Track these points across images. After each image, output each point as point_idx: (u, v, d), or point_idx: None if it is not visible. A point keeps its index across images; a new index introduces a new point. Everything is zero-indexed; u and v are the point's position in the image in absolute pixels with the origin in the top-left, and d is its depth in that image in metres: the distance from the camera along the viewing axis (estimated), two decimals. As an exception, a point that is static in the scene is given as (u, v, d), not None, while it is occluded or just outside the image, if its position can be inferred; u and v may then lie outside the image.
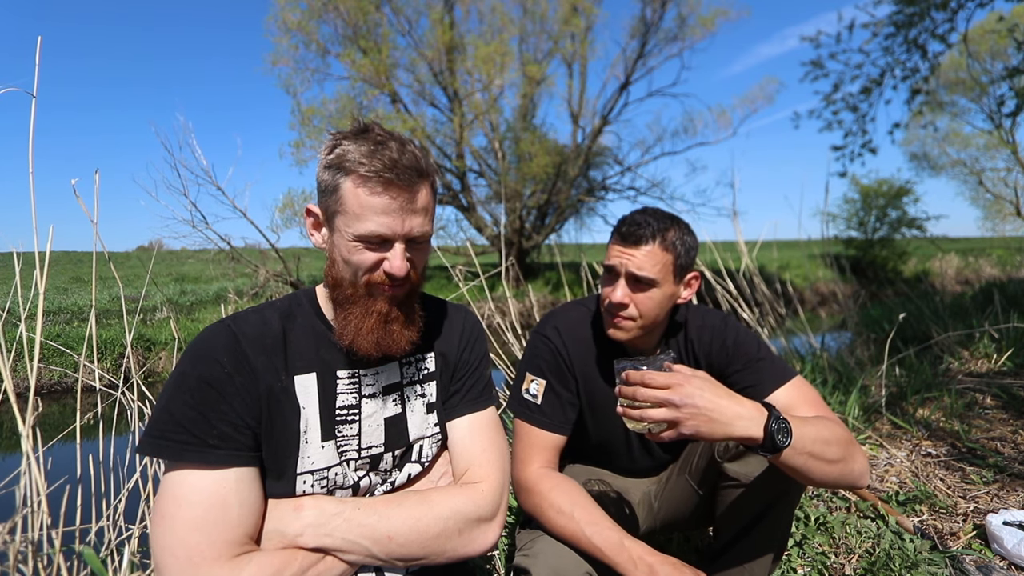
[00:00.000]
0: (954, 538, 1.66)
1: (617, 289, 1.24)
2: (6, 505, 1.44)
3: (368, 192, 0.84)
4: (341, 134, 0.89)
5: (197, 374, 0.84)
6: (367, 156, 0.84)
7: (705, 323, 1.37)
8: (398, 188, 0.85)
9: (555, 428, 1.30)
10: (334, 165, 0.87)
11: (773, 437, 0.94)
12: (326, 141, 0.91)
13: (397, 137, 0.89)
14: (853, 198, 18.87)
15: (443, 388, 1.07)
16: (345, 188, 0.86)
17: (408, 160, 0.86)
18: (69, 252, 18.25)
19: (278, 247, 13.77)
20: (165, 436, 0.81)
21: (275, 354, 0.91)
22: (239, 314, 0.95)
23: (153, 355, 7.93)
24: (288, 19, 14.62)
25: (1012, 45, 6.71)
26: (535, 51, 16.15)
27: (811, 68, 7.44)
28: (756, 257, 4.31)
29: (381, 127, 0.90)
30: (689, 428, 0.94)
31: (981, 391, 2.95)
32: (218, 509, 0.79)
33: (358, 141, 0.86)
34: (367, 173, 0.84)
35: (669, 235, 1.23)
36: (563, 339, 1.36)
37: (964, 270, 17.08)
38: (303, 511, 0.87)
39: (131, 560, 1.45)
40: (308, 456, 0.91)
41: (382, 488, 0.99)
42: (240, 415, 0.85)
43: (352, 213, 0.86)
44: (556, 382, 1.33)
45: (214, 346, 0.87)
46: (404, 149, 0.87)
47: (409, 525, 0.88)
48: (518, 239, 16.51)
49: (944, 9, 6.22)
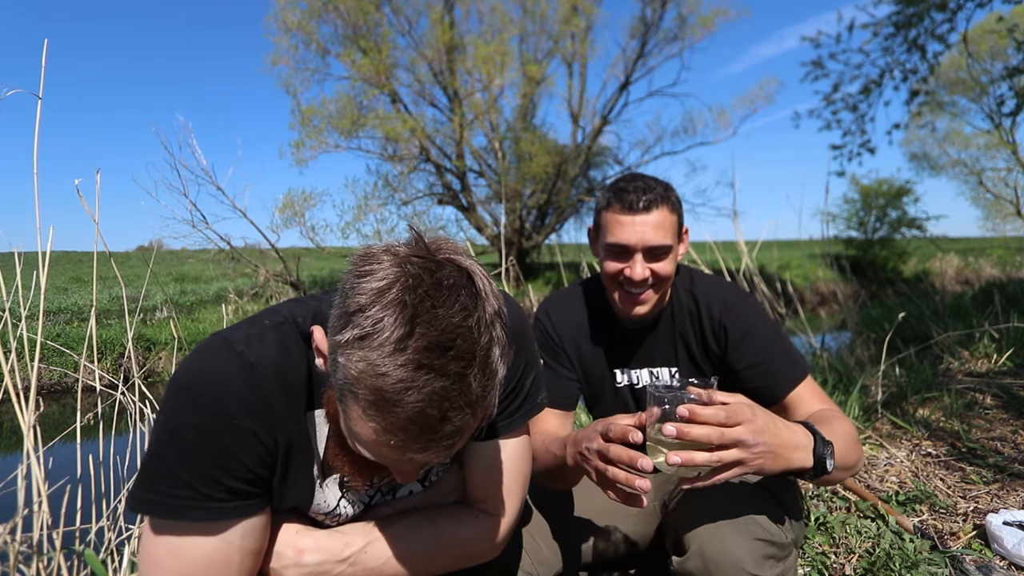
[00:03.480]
0: (954, 538, 1.66)
1: (636, 265, 1.19)
2: (7, 505, 1.44)
3: (386, 447, 0.59)
4: (382, 294, 0.55)
5: (199, 424, 0.67)
6: (388, 412, 0.55)
7: (712, 292, 1.30)
8: (436, 450, 0.59)
9: (555, 404, 1.30)
10: (343, 379, 0.57)
11: (823, 463, 0.88)
12: (358, 266, 0.58)
13: (464, 356, 0.55)
14: (853, 198, 18.87)
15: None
16: (354, 415, 0.59)
17: (460, 419, 0.57)
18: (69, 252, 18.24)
19: (278, 247, 13.80)
20: (161, 492, 0.66)
21: (297, 392, 0.73)
22: (253, 331, 0.73)
23: (153, 355, 7.93)
24: (288, 19, 14.63)
25: (1012, 45, 6.71)
26: (535, 51, 16.18)
27: (811, 68, 7.45)
28: (756, 257, 4.31)
29: (449, 285, 0.56)
30: (754, 468, 0.82)
31: (981, 391, 2.95)
32: (220, 566, 0.70)
33: (396, 357, 0.53)
34: (389, 427, 0.56)
35: (671, 195, 1.22)
36: (552, 321, 1.38)
37: (964, 270, 17.07)
38: (304, 556, 0.77)
39: (131, 560, 1.45)
40: (323, 500, 0.82)
41: (385, 498, 0.92)
42: (251, 468, 0.70)
43: (361, 440, 0.62)
44: (551, 360, 1.34)
45: (221, 387, 0.68)
46: (458, 402, 0.56)
47: (421, 564, 0.81)
48: (518, 239, 16.51)
49: (943, 9, 6.22)
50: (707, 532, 0.94)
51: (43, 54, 1.35)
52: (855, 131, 7.74)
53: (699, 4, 15.50)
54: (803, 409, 1.17)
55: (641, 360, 1.38)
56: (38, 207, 1.42)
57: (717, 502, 0.98)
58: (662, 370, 1.38)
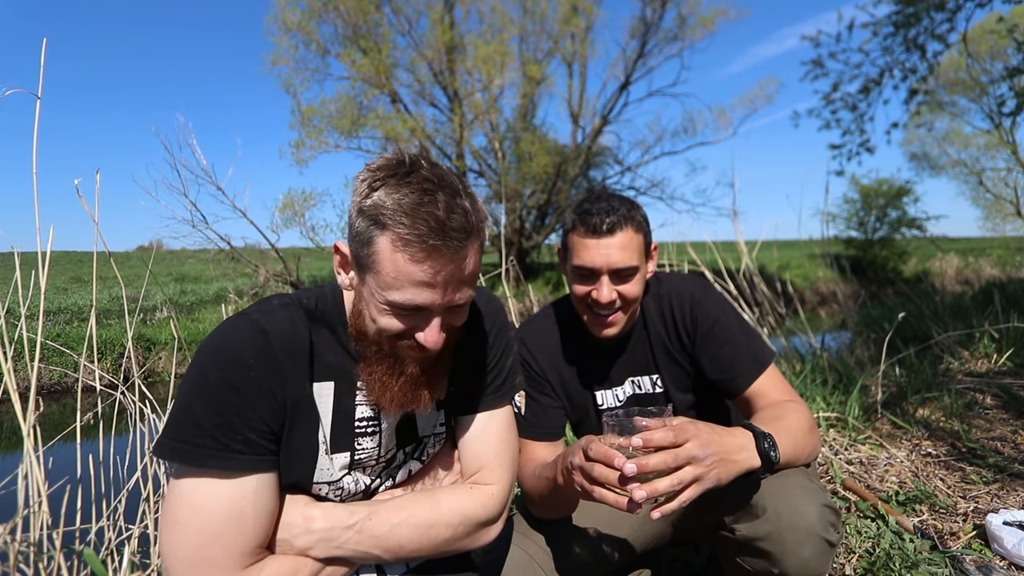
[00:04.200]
0: (954, 538, 1.66)
1: (603, 288, 1.20)
2: (7, 505, 1.44)
3: (408, 259, 0.73)
4: (382, 171, 0.75)
5: (223, 376, 0.77)
6: (409, 213, 0.71)
7: (679, 289, 1.32)
8: (443, 257, 0.73)
9: (542, 436, 1.30)
10: (370, 214, 0.74)
11: (768, 456, 0.94)
12: (363, 174, 0.77)
13: (447, 183, 0.75)
14: (853, 198, 18.89)
15: (458, 382, 0.99)
16: (381, 246, 0.74)
17: (457, 220, 0.73)
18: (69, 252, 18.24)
19: (278, 247, 13.80)
20: (186, 440, 0.75)
21: (301, 360, 0.84)
22: (265, 307, 0.86)
23: (153, 355, 7.93)
24: (288, 19, 14.63)
25: (1012, 45, 6.71)
26: (535, 51, 16.17)
27: (811, 67, 7.45)
28: (756, 257, 4.30)
29: (430, 163, 0.77)
30: (712, 480, 0.86)
31: (981, 391, 2.95)
32: (235, 520, 0.76)
33: (400, 187, 0.73)
34: (408, 236, 0.71)
35: (635, 215, 1.21)
36: (529, 349, 1.36)
37: (964, 270, 17.08)
38: (313, 523, 0.83)
39: (131, 560, 1.45)
40: (324, 468, 0.88)
41: (386, 484, 0.98)
42: (265, 421, 0.79)
43: (387, 277, 0.74)
44: (533, 391, 1.33)
45: (239, 343, 0.79)
46: (454, 203, 0.73)
47: (419, 533, 0.87)
48: (518, 239, 16.51)
49: (943, 9, 6.22)
50: (782, 497, 0.98)
51: (42, 54, 1.35)
52: (854, 130, 7.75)
53: (699, 4, 15.53)
54: (762, 402, 1.19)
55: (622, 373, 1.38)
56: (38, 207, 1.42)
57: (784, 472, 1.03)
58: (643, 379, 1.38)
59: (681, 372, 1.34)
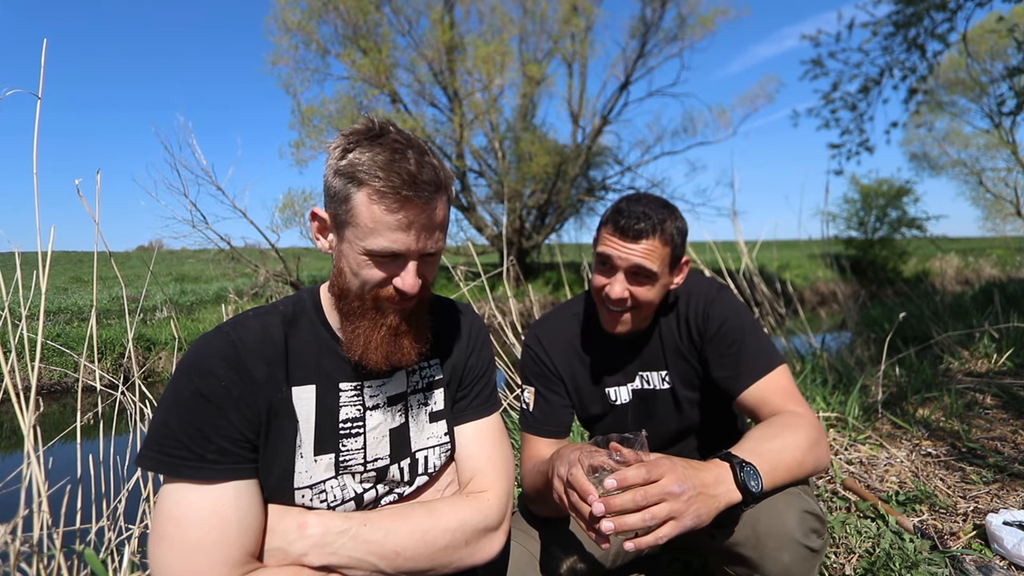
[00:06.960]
0: (954, 538, 1.66)
1: (616, 284, 1.20)
2: (7, 505, 1.44)
3: (384, 209, 0.79)
4: (355, 135, 0.83)
5: (193, 388, 0.81)
6: (383, 168, 0.78)
7: (694, 290, 1.33)
8: (416, 206, 0.80)
9: (547, 433, 1.31)
10: (346, 173, 0.80)
11: (747, 488, 0.90)
12: (337, 140, 0.84)
13: (415, 144, 0.83)
14: (853, 198, 18.89)
15: (451, 395, 1.04)
16: (358, 200, 0.80)
17: (427, 174, 0.80)
18: (69, 252, 18.24)
19: (278, 247, 13.81)
20: (164, 451, 0.78)
21: (276, 364, 0.87)
22: (239, 319, 0.90)
23: (153, 355, 7.93)
24: (288, 19, 14.63)
25: (1012, 45, 6.71)
26: (535, 51, 16.17)
27: (811, 67, 7.44)
28: (756, 257, 4.31)
29: (398, 129, 0.84)
30: (692, 517, 0.83)
31: (981, 391, 2.95)
32: (218, 529, 0.77)
33: (373, 147, 0.80)
34: (383, 188, 0.78)
35: (667, 227, 1.19)
36: (543, 346, 1.37)
37: (964, 270, 17.09)
38: (307, 529, 0.83)
39: (131, 560, 1.45)
40: (304, 471, 0.88)
41: (388, 499, 0.97)
42: (239, 429, 0.82)
43: (365, 227, 0.80)
44: (543, 388, 1.34)
45: (209, 357, 0.83)
46: (423, 160, 0.81)
47: (416, 539, 0.86)
48: (518, 239, 16.51)
49: (943, 9, 6.22)
50: (762, 503, 0.96)
51: (42, 53, 1.35)
52: (854, 130, 7.74)
53: (699, 4, 15.53)
54: (766, 410, 1.16)
55: (633, 368, 1.38)
56: (38, 207, 1.42)
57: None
58: (652, 374, 1.38)
59: (689, 369, 1.34)
